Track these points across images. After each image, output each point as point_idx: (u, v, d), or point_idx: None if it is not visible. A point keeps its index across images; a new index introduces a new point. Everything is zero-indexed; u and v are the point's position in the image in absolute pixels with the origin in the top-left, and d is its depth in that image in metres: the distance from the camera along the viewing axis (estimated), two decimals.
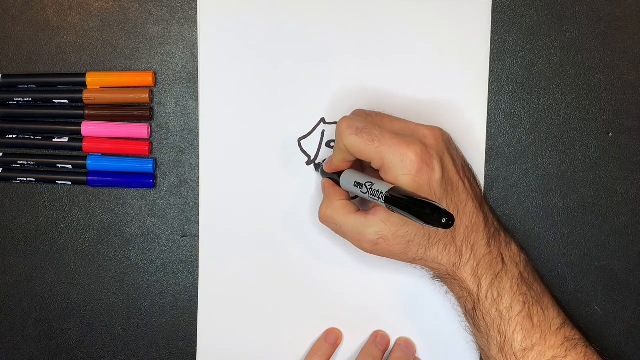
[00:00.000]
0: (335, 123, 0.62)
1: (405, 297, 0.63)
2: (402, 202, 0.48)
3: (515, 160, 0.62)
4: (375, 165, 0.54)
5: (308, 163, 0.63)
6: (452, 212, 0.49)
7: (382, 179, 0.53)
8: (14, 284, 0.64)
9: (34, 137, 0.63)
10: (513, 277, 0.55)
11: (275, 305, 0.63)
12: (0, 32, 0.63)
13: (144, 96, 0.62)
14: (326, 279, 0.63)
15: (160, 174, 0.63)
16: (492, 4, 0.62)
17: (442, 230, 0.54)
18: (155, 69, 0.63)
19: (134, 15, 0.63)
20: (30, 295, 0.64)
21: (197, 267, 0.63)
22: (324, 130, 0.62)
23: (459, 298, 0.57)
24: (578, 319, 0.59)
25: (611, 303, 0.63)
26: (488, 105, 0.62)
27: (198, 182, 0.63)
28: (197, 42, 0.62)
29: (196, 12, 0.62)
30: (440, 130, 0.56)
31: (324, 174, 0.60)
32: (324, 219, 0.57)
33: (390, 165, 0.53)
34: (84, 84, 0.63)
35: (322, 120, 0.62)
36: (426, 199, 0.47)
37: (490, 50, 0.62)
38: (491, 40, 0.62)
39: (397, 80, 0.62)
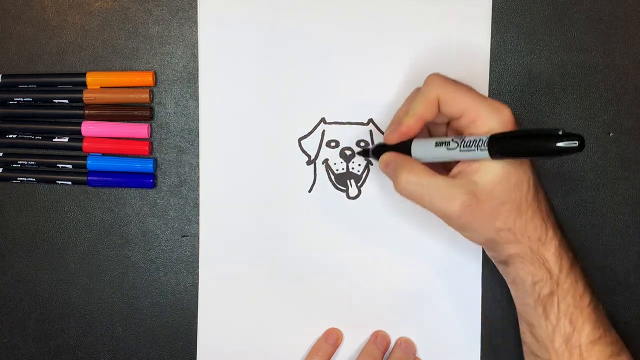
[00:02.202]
0: (335, 123, 0.62)
1: (406, 297, 0.63)
2: (515, 139, 0.47)
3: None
4: (466, 118, 0.51)
5: (308, 163, 0.63)
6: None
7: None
8: (14, 284, 0.64)
9: (34, 137, 0.63)
10: (582, 267, 0.54)
11: (275, 305, 0.63)
12: (0, 32, 0.63)
13: (144, 96, 0.62)
14: (326, 279, 0.63)
15: (160, 174, 0.63)
16: (492, 4, 0.61)
17: (531, 195, 0.51)
18: (155, 69, 0.63)
19: (134, 15, 0.63)
20: (30, 295, 0.64)
21: (197, 267, 0.63)
22: (324, 130, 0.62)
23: (534, 283, 0.53)
24: None
25: (611, 303, 0.63)
26: None
27: (198, 182, 0.63)
28: (197, 42, 0.62)
29: (196, 12, 0.62)
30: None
31: (379, 152, 0.56)
32: (406, 184, 0.52)
33: (485, 119, 0.50)
34: (84, 84, 0.63)
35: (322, 120, 0.62)
36: (552, 128, 0.45)
37: (490, 50, 0.62)
38: (491, 40, 0.62)
39: (397, 80, 0.62)
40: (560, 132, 0.45)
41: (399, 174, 0.53)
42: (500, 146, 0.48)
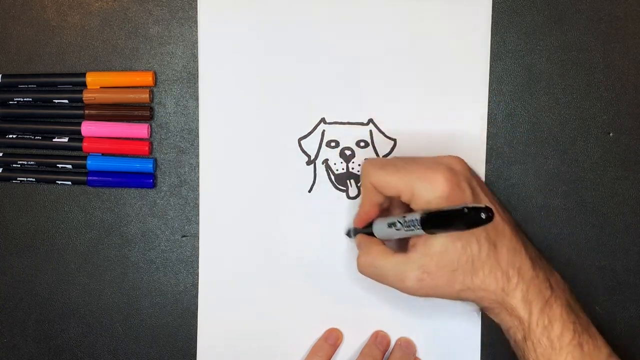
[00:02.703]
0: (335, 123, 0.62)
1: (406, 297, 0.63)
2: (439, 216, 0.48)
3: (515, 160, 0.62)
4: (404, 196, 0.53)
5: (308, 163, 0.63)
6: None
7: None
8: (14, 284, 0.64)
9: (34, 137, 0.63)
10: (562, 304, 0.54)
11: (275, 306, 0.63)
12: (0, 32, 0.63)
13: (144, 96, 0.62)
14: (326, 279, 0.63)
15: (160, 174, 0.63)
16: (492, 4, 0.61)
17: (484, 253, 0.53)
18: (155, 69, 0.63)
19: (134, 15, 0.63)
20: (30, 295, 0.64)
21: (197, 267, 0.63)
22: (324, 130, 0.62)
23: (508, 329, 0.55)
24: None
25: (611, 303, 0.63)
26: (488, 105, 0.62)
27: (198, 182, 0.63)
28: (197, 42, 0.62)
29: (196, 12, 0.62)
30: (461, 158, 0.56)
31: (355, 232, 0.60)
32: (364, 266, 0.56)
33: (420, 192, 0.52)
34: (84, 84, 0.63)
35: (322, 120, 0.62)
36: (459, 205, 0.46)
37: (490, 50, 0.62)
38: (491, 40, 0.62)
39: (397, 80, 0.62)
40: (465, 210, 0.46)
41: (359, 256, 0.57)
42: (430, 224, 0.49)
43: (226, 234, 0.63)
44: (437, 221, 0.49)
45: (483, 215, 0.45)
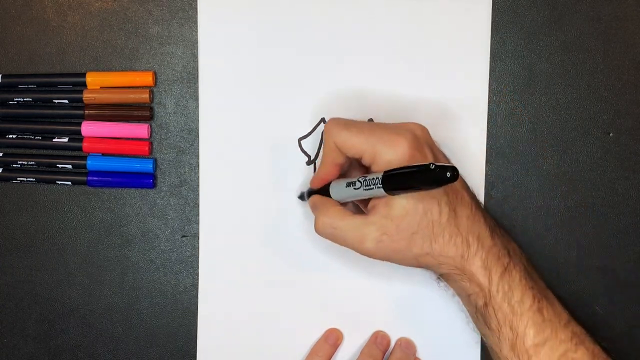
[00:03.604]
0: None
1: (406, 297, 0.63)
2: (401, 175, 0.48)
3: (515, 160, 0.62)
4: (366, 158, 0.54)
5: (308, 163, 0.63)
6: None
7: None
8: (14, 284, 0.64)
9: (34, 137, 0.63)
10: (520, 271, 0.54)
11: (275, 306, 0.63)
12: (0, 32, 0.63)
13: (144, 96, 0.62)
14: (326, 279, 0.63)
15: (160, 174, 0.63)
16: (492, 4, 0.61)
17: (444, 218, 0.53)
18: (155, 69, 0.63)
19: (134, 15, 0.63)
20: (30, 295, 0.64)
21: (197, 267, 0.63)
22: (324, 130, 0.62)
23: (468, 295, 0.55)
24: (578, 319, 0.59)
25: (611, 303, 0.63)
26: (488, 105, 0.62)
27: (198, 182, 0.63)
28: (197, 42, 0.62)
29: (196, 12, 0.62)
30: (423, 125, 0.56)
31: (309, 194, 0.59)
32: (322, 228, 0.55)
33: (382, 154, 0.52)
34: (84, 84, 0.63)
35: (322, 120, 0.62)
36: (425, 162, 0.47)
37: (490, 50, 0.62)
38: (491, 40, 0.62)
39: (397, 80, 0.62)
40: (432, 166, 0.46)
41: (316, 217, 0.56)
42: (391, 183, 0.49)
43: (226, 234, 0.63)
44: (399, 179, 0.49)
45: (448, 174, 0.45)
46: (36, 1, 0.63)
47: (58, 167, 0.63)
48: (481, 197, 0.62)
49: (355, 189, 0.53)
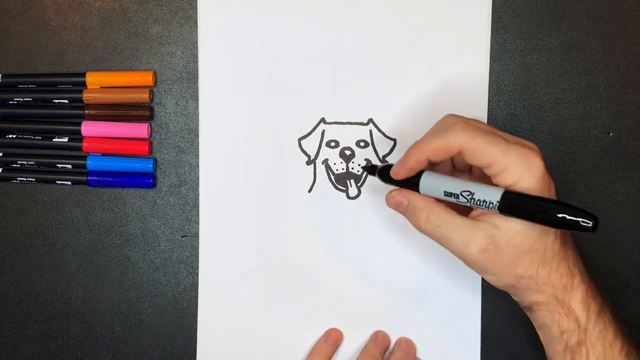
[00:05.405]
0: (335, 123, 0.62)
1: (406, 297, 0.63)
2: (528, 205, 0.46)
3: None
4: (493, 169, 0.49)
5: (308, 163, 0.63)
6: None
7: (471, 181, 0.51)
8: (14, 284, 0.64)
9: (34, 137, 0.63)
10: (612, 311, 0.51)
11: (275, 306, 0.63)
12: (0, 32, 0.63)
13: (144, 96, 0.62)
14: (326, 279, 0.63)
15: (160, 174, 0.63)
16: (492, 4, 0.61)
17: (557, 245, 0.50)
18: (155, 69, 0.63)
19: (134, 15, 0.63)
20: (30, 295, 0.64)
21: (197, 267, 0.63)
22: (324, 130, 0.62)
23: (561, 332, 0.51)
24: None
25: (611, 303, 0.62)
26: (488, 105, 0.62)
27: (198, 182, 0.63)
28: (197, 42, 0.62)
29: (196, 12, 0.62)
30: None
31: (381, 175, 0.55)
32: (428, 225, 0.52)
33: (514, 169, 0.48)
34: (84, 84, 0.63)
35: (322, 120, 0.62)
36: (555, 200, 0.44)
37: (490, 50, 0.62)
38: (491, 40, 0.62)
39: (397, 80, 0.62)
40: (569, 211, 0.44)
41: (419, 215, 0.52)
42: (511, 210, 0.47)
43: (226, 234, 0.63)
44: (522, 209, 0.46)
45: (591, 222, 0.42)
46: (36, 1, 0.63)
47: (58, 167, 0.63)
48: None
49: (458, 202, 0.50)
